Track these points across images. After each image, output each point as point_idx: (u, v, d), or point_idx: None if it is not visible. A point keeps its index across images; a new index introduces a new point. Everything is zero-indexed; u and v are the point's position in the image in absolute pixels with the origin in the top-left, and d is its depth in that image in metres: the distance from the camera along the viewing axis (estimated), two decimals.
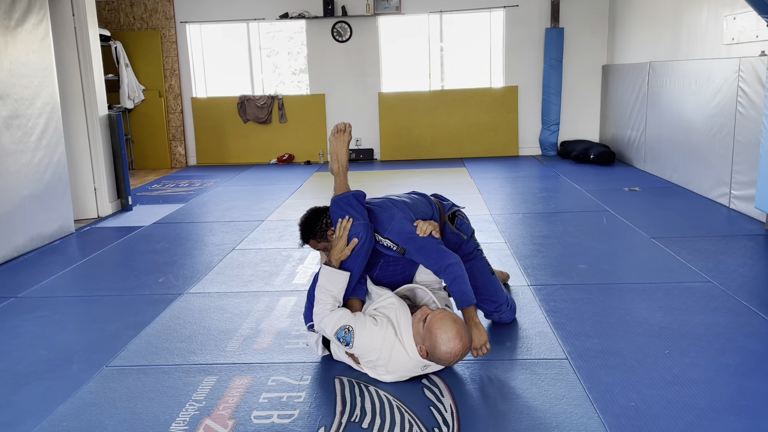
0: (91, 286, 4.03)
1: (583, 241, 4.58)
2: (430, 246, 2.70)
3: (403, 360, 2.48)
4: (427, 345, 2.41)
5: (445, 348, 2.36)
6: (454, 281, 2.65)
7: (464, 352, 2.40)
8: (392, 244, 2.72)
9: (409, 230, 2.73)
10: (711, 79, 5.63)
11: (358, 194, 2.79)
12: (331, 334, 2.55)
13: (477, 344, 2.64)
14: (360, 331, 2.50)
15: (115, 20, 9.00)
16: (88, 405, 2.48)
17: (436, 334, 2.37)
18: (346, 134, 2.96)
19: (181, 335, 3.13)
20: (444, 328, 2.37)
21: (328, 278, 2.64)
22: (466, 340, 2.39)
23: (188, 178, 8.21)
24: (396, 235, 2.72)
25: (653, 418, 2.23)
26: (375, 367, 2.53)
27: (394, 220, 2.75)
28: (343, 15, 8.81)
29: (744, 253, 4.11)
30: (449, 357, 2.38)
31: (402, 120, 9.12)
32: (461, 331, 2.39)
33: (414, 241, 2.70)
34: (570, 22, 8.79)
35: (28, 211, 4.84)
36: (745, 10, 5.02)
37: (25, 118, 4.86)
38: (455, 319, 2.42)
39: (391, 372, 2.52)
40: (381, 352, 2.48)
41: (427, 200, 3.01)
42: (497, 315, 3.08)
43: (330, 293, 2.62)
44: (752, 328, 2.97)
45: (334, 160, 2.97)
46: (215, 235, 5.15)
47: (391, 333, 2.49)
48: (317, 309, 2.62)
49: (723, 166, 5.44)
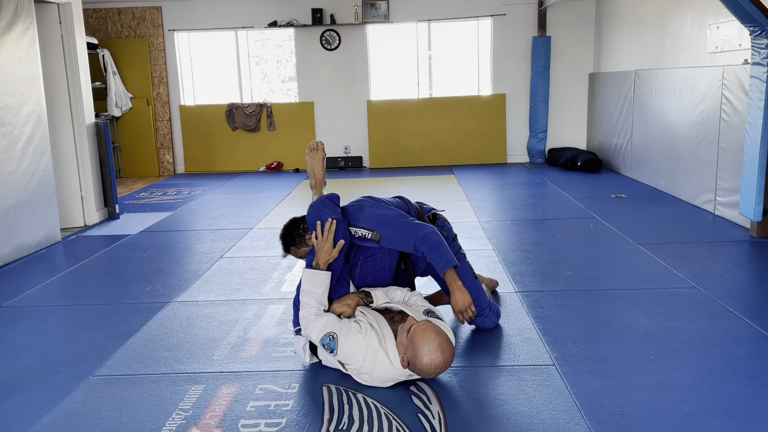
0: (77, 295, 4.01)
1: (570, 247, 4.61)
2: (403, 222, 2.80)
3: (387, 368, 2.48)
4: (408, 355, 2.41)
5: (426, 360, 2.35)
6: (432, 248, 2.71)
7: (445, 366, 2.40)
8: (366, 231, 2.79)
9: (380, 214, 2.81)
10: (695, 87, 5.70)
11: (331, 196, 2.92)
12: (317, 340, 2.57)
13: (462, 307, 2.72)
14: (344, 338, 2.51)
15: (103, 28, 8.98)
16: (73, 415, 2.46)
17: (418, 345, 2.37)
18: (319, 152, 3.14)
19: (168, 344, 3.11)
20: (426, 339, 2.37)
21: (310, 280, 2.66)
22: (447, 353, 2.39)
23: (176, 186, 8.18)
24: (368, 222, 2.80)
25: (639, 423, 2.25)
26: (359, 374, 2.54)
27: (364, 209, 2.87)
28: (332, 23, 8.84)
29: (729, 259, 4.15)
30: (429, 369, 2.38)
31: (391, 128, 9.15)
32: (443, 344, 2.38)
33: (386, 222, 2.80)
34: (557, 31, 8.87)
35: (13, 219, 4.80)
36: (728, 19, 5.10)
37: (11, 126, 4.84)
38: (438, 331, 2.41)
39: (375, 379, 2.52)
40: (365, 360, 2.49)
41: (404, 201, 3.11)
42: (480, 320, 3.09)
43: (313, 296, 2.64)
44: (736, 333, 3.00)
45: (312, 177, 3.14)
46: (203, 244, 5.13)
47: (374, 341, 2.50)
48: (302, 313, 2.64)
49: (708, 173, 5.50)
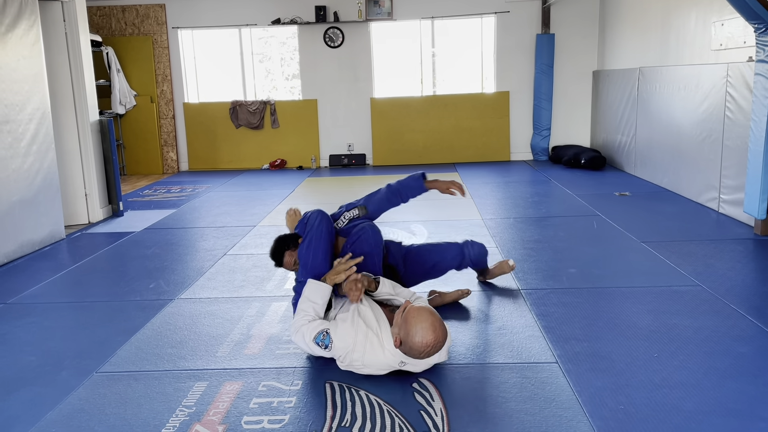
0: (81, 292, 4.02)
1: (573, 245, 4.60)
2: (380, 191, 3.35)
3: (378, 353, 2.54)
4: (402, 334, 2.48)
5: (418, 338, 2.42)
6: (403, 185, 3.32)
7: (436, 345, 2.45)
8: (355, 210, 3.24)
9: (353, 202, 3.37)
10: (700, 85, 5.68)
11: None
12: (310, 340, 2.63)
13: (444, 186, 3.30)
14: (335, 332, 2.60)
15: (107, 25, 8.99)
16: (77, 411, 2.47)
17: (411, 323, 2.44)
18: (297, 216, 3.37)
19: (172, 341, 3.12)
20: (420, 318, 2.45)
21: (314, 290, 2.76)
22: (439, 333, 2.45)
23: (180, 183, 8.20)
24: (350, 206, 3.30)
25: (641, 421, 2.25)
26: (352, 363, 2.58)
27: (340, 207, 3.35)
28: (335, 21, 8.83)
29: (732, 257, 4.14)
30: (420, 347, 2.44)
31: (394, 125, 9.15)
32: (436, 323, 2.46)
33: (368, 195, 3.34)
34: (561, 28, 8.85)
35: (17, 216, 4.82)
36: (732, 16, 5.08)
37: (15, 123, 4.85)
38: (432, 312, 2.50)
39: (367, 365, 2.57)
40: (355, 345, 2.55)
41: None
42: (467, 255, 3.42)
43: (313, 305, 2.73)
44: (740, 331, 2.99)
45: None
46: (207, 241, 5.14)
47: (362, 324, 2.58)
48: (297, 319, 2.72)
49: (712, 170, 5.49)
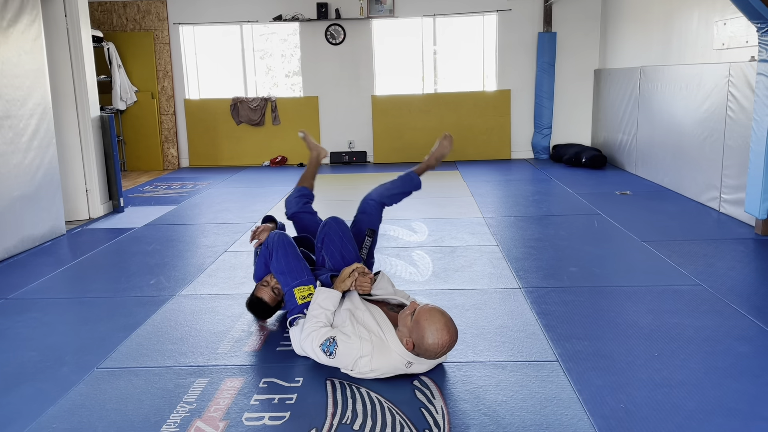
0: (81, 287, 4.02)
1: (574, 244, 4.60)
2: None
3: (385, 353, 2.52)
4: (414, 337, 2.47)
5: (432, 339, 2.42)
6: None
7: (451, 345, 2.47)
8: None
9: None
10: (701, 84, 5.67)
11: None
12: (317, 346, 2.61)
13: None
14: (342, 343, 2.56)
15: (108, 21, 8.98)
16: (78, 407, 2.47)
17: (424, 326, 2.43)
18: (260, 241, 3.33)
19: (173, 337, 3.12)
20: (432, 319, 2.44)
21: (327, 297, 2.74)
22: (453, 332, 2.47)
23: (180, 179, 8.19)
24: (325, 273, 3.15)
25: (642, 420, 2.25)
26: (361, 367, 2.54)
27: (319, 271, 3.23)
28: (337, 18, 8.82)
29: (733, 257, 4.14)
30: (436, 348, 2.44)
31: (395, 123, 9.14)
32: (449, 323, 2.46)
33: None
34: (562, 27, 8.84)
35: (18, 212, 4.81)
36: (735, 15, 5.07)
37: (16, 119, 4.84)
38: (443, 312, 2.50)
39: (375, 369, 2.54)
40: (362, 349, 2.52)
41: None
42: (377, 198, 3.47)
43: (325, 312, 2.71)
44: (741, 330, 2.99)
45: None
46: (207, 237, 5.14)
47: (363, 330, 2.57)
48: (309, 325, 2.68)
49: (713, 170, 5.48)
